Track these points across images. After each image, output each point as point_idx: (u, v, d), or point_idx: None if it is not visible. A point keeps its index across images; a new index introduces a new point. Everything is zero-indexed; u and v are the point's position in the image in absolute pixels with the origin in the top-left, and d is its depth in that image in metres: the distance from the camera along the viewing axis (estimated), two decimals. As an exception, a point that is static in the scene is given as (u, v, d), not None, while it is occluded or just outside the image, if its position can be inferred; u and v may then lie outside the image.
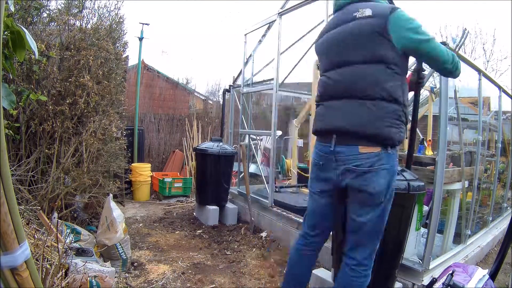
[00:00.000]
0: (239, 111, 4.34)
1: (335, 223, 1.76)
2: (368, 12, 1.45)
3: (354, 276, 1.51)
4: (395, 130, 1.44)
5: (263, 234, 3.34)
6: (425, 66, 1.80)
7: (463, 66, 2.55)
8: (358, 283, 1.51)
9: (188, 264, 2.66)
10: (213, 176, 3.75)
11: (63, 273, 1.58)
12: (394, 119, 1.44)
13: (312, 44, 4.28)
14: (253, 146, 4.64)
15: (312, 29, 4.10)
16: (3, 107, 1.12)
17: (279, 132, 3.65)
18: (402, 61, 1.47)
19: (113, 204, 2.43)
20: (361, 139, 1.44)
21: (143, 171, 4.91)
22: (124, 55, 3.71)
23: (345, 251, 1.58)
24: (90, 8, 3.09)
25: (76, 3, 3.01)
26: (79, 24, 2.90)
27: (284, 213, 3.27)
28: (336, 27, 1.58)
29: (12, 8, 1.16)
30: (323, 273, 2.18)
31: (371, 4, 1.49)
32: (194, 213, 4.07)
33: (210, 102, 7.92)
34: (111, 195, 2.56)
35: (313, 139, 4.46)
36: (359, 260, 1.51)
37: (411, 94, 1.88)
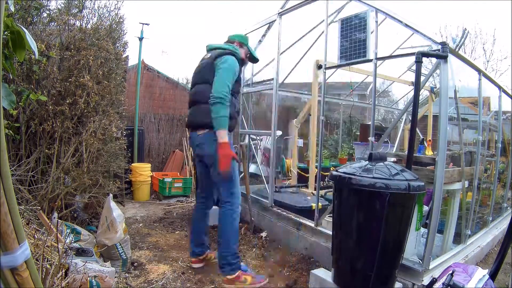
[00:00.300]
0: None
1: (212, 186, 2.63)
2: (209, 56, 2.44)
3: (222, 211, 2.41)
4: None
5: (263, 234, 3.34)
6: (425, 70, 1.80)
7: (463, 66, 2.58)
8: (225, 215, 2.40)
9: (188, 264, 2.66)
10: (213, 176, 3.74)
11: (63, 273, 1.58)
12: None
13: (312, 44, 4.30)
14: (253, 146, 4.64)
15: (312, 29, 4.10)
16: (3, 107, 1.12)
17: (279, 132, 3.64)
18: None
19: (113, 204, 2.43)
20: (198, 127, 2.41)
21: (143, 171, 4.91)
22: (124, 55, 3.71)
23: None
24: (90, 8, 3.09)
25: (76, 3, 3.01)
26: (79, 24, 2.90)
27: (284, 213, 3.27)
28: (201, 61, 2.54)
29: (12, 8, 1.16)
30: (323, 273, 2.16)
31: (217, 52, 2.41)
32: (194, 213, 4.07)
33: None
34: (111, 195, 2.56)
35: (313, 139, 4.44)
36: (223, 200, 2.42)
37: (411, 94, 1.88)
